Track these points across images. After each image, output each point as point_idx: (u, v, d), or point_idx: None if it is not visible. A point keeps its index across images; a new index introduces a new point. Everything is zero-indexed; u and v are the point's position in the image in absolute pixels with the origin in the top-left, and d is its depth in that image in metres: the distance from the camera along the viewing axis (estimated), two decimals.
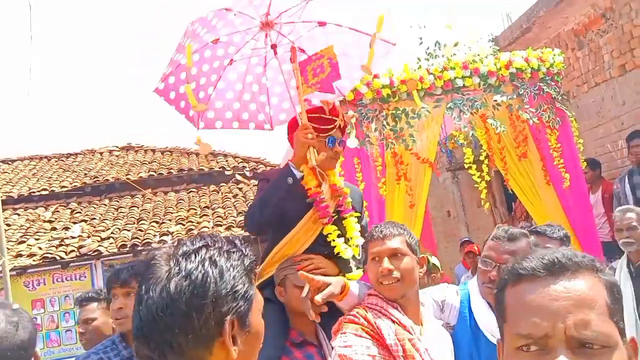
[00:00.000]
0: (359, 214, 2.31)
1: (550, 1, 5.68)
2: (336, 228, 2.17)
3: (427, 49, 4.20)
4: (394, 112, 4.09)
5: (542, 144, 4.31)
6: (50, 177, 11.86)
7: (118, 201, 10.56)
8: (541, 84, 4.26)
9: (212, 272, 0.87)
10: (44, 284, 8.16)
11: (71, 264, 8.08)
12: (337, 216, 2.23)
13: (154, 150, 13.04)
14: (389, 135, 4.05)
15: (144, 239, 8.10)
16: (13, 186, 11.16)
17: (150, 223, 9.01)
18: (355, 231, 2.20)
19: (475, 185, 4.42)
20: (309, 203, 2.19)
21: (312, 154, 2.18)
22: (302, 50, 2.50)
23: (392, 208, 4.05)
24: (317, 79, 2.28)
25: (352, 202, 2.30)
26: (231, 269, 0.89)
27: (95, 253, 8.00)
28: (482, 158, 4.44)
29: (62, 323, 8.07)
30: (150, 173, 11.19)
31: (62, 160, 13.14)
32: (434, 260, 3.99)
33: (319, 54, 2.30)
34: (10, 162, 12.95)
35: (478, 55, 4.16)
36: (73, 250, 8.15)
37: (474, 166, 4.39)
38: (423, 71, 4.08)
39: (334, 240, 2.15)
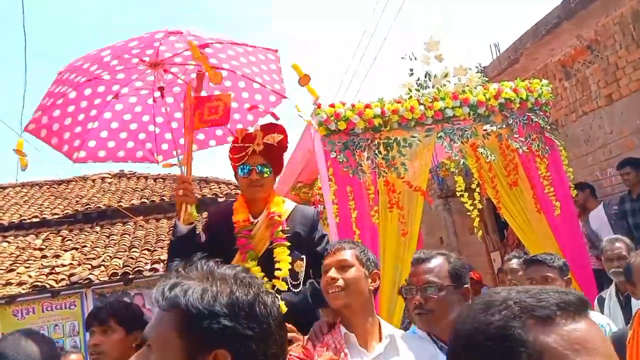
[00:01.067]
0: (286, 244, 2.22)
1: (536, 33, 5.83)
2: (255, 264, 2.18)
3: (418, 79, 4.29)
4: (385, 141, 4.15)
5: (532, 172, 4.37)
6: (42, 205, 11.79)
7: (110, 229, 10.50)
8: (530, 114, 4.34)
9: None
10: (33, 313, 8.06)
11: (61, 293, 7.99)
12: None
13: (146, 177, 13.03)
14: (381, 163, 4.09)
15: (136, 267, 8.04)
16: (4, 213, 11.09)
17: (142, 251, 8.95)
18: (283, 262, 2.19)
19: (468, 213, 4.46)
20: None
21: (182, 211, 2.28)
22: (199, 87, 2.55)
23: (384, 236, 4.07)
24: (211, 117, 2.38)
25: (300, 227, 2.27)
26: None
27: (86, 281, 7.93)
28: (473, 186, 4.49)
29: None
30: (143, 200, 11.17)
31: (53, 187, 13.09)
32: None
33: (218, 96, 2.43)
34: (1, 189, 12.88)
35: (467, 85, 4.25)
36: (64, 279, 8.08)
37: (466, 194, 4.44)
38: (414, 101, 4.16)
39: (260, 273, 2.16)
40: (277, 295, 2.05)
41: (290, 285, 2.15)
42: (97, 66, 2.40)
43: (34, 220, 10.84)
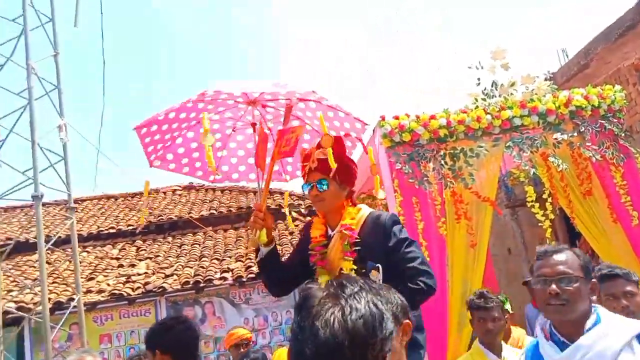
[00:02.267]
0: (350, 259, 2.25)
1: (608, 37, 5.63)
2: (328, 278, 2.24)
3: (484, 89, 4.26)
4: (451, 151, 4.15)
5: (607, 181, 4.22)
6: (117, 216, 12.48)
7: (181, 239, 10.97)
8: (602, 121, 4.21)
9: (377, 314, 0.96)
10: (112, 319, 8.52)
11: (137, 300, 8.41)
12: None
13: (214, 190, 13.50)
14: (448, 174, 4.09)
15: (206, 276, 8.34)
16: (83, 225, 11.81)
17: (211, 260, 9.28)
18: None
19: (540, 224, 4.35)
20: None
21: (254, 236, 2.45)
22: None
23: (452, 247, 4.06)
24: (284, 148, 2.54)
25: (371, 236, 2.26)
26: (386, 312, 0.99)
27: (160, 290, 8.30)
28: (544, 196, 4.39)
29: (126, 357, 8.36)
30: (211, 211, 11.58)
31: (128, 199, 13.82)
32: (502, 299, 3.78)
33: (294, 128, 2.59)
34: (80, 202, 13.72)
35: (536, 93, 4.18)
36: (139, 287, 8.50)
37: (537, 204, 4.34)
38: (480, 111, 4.13)
39: None
40: None
41: None
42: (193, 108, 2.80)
43: (111, 231, 11.49)
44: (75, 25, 7.88)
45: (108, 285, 8.71)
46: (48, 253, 7.17)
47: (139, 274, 9.06)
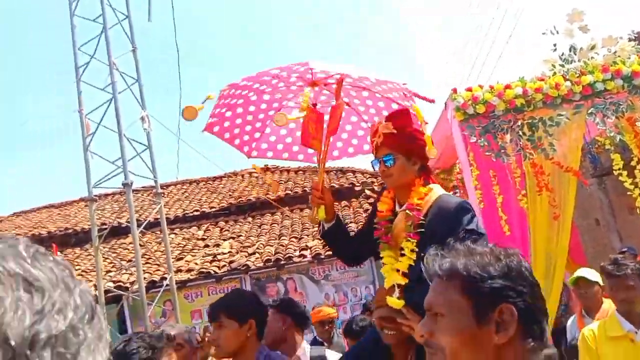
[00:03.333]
0: (412, 240, 2.14)
1: None
2: (390, 253, 2.23)
3: (562, 54, 4.06)
4: (529, 121, 4.00)
5: None
6: (200, 199, 13.13)
7: (260, 219, 11.39)
8: None
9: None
10: (201, 296, 9.06)
11: (223, 278, 8.89)
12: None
13: (288, 170, 13.82)
14: (526, 145, 3.96)
15: (286, 254, 8.64)
16: (169, 209, 12.52)
17: (290, 238, 9.58)
18: (404, 257, 2.14)
19: (629, 193, 4.12)
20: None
21: (314, 211, 2.52)
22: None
23: (534, 221, 3.94)
24: (331, 127, 2.56)
25: (436, 221, 2.12)
26: None
27: (244, 267, 8.71)
28: (633, 163, 4.14)
29: None
30: (287, 192, 11.89)
31: (209, 183, 14.48)
32: (585, 272, 3.63)
33: (339, 103, 2.58)
34: (165, 187, 14.54)
35: (619, 56, 3.92)
36: (225, 265, 8.97)
37: (624, 172, 4.10)
38: (559, 77, 3.95)
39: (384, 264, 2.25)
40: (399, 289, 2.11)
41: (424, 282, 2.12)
42: (260, 84, 2.82)
43: (195, 213, 12.13)
44: (149, 20, 8.29)
45: (196, 264, 9.26)
46: (140, 236, 7.72)
47: (224, 253, 9.54)
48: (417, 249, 2.10)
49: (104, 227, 8.24)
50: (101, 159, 7.20)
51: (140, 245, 7.53)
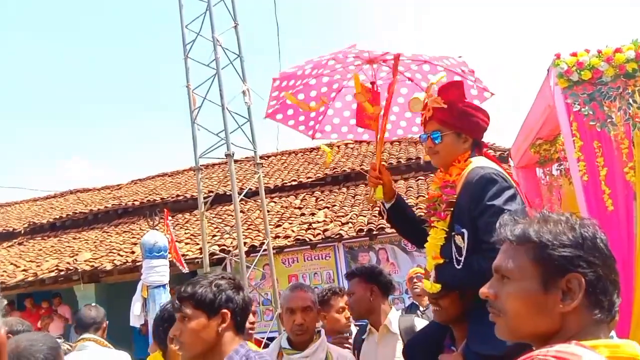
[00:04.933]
0: (438, 219, 2.05)
1: None
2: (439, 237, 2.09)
3: None
4: None
5: None
6: (298, 170, 13.54)
7: (354, 189, 11.54)
8: None
9: None
10: (297, 262, 9.46)
11: (318, 245, 9.19)
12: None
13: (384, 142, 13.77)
14: (637, 114, 3.66)
15: (379, 224, 8.72)
16: (269, 178, 13.07)
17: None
18: (433, 237, 2.08)
19: None
20: None
21: (371, 192, 2.48)
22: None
23: None
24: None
25: (462, 195, 1.99)
26: None
27: (337, 236, 8.94)
28: None
29: None
30: (381, 163, 11.88)
31: (306, 154, 14.87)
32: None
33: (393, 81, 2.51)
34: (265, 158, 15.14)
35: None
36: (319, 234, 9.26)
37: None
38: None
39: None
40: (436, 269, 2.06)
41: (455, 261, 1.98)
42: (317, 69, 2.82)
43: (293, 183, 12.56)
44: None
45: (292, 231, 9.65)
46: (242, 203, 8.16)
47: (319, 222, 9.83)
48: (447, 230, 2.03)
49: (210, 194, 8.82)
50: (206, 131, 7.66)
51: (241, 212, 7.97)
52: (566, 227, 1.08)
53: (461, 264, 1.94)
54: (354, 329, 3.29)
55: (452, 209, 2.02)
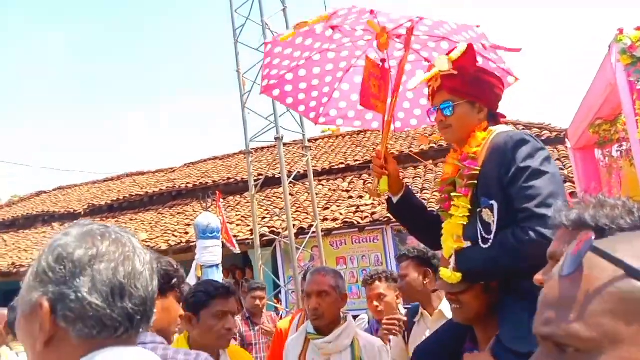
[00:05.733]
0: (460, 195, 1.76)
1: None
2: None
3: None
4: None
5: None
6: (345, 153, 13.54)
7: (403, 172, 11.43)
8: None
9: None
10: (345, 244, 9.52)
11: (366, 228, 9.21)
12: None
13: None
14: None
15: (428, 208, 8.64)
16: (317, 161, 13.14)
17: (432, 193, 9.52)
18: (455, 216, 1.77)
19: None
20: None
21: (375, 183, 2.14)
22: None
23: None
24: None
25: (489, 164, 1.73)
26: None
27: (386, 219, 8.91)
28: None
29: (360, 278, 9.31)
30: (431, 145, 11.72)
31: (354, 137, 14.83)
32: None
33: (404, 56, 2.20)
34: (313, 141, 15.21)
35: None
36: (367, 217, 9.26)
37: None
38: None
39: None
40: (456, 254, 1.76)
41: (481, 240, 1.71)
42: (321, 42, 2.47)
43: (340, 166, 12.59)
44: None
45: (340, 214, 9.70)
46: (290, 186, 8.27)
47: (367, 205, 9.83)
48: (470, 207, 1.75)
49: (260, 177, 8.99)
50: (257, 115, 7.77)
51: (290, 195, 8.09)
52: (624, 211, 1.05)
53: (489, 242, 1.67)
54: (403, 311, 3.28)
55: (475, 181, 1.75)
